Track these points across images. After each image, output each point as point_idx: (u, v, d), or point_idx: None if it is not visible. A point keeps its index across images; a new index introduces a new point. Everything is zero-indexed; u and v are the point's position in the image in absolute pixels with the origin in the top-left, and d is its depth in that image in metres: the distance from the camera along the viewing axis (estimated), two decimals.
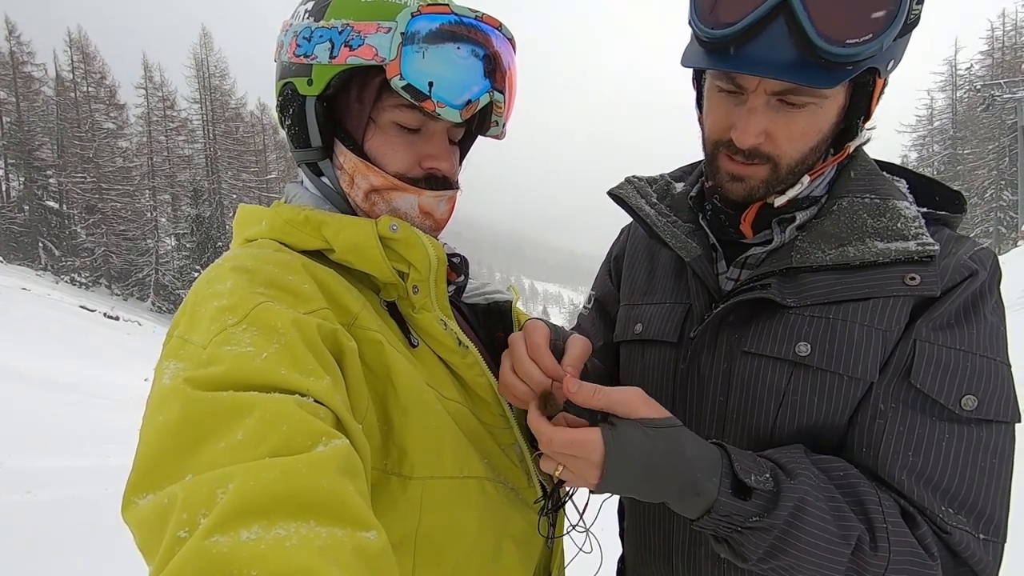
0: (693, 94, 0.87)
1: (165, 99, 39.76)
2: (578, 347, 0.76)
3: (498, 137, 0.82)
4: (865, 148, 0.86)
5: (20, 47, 35.97)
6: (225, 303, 0.58)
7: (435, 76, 0.69)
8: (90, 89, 37.65)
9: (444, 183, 0.77)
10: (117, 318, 22.86)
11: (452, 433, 0.71)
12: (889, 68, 0.73)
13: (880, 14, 0.65)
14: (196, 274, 34.15)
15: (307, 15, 0.73)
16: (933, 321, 0.72)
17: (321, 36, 0.70)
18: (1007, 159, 30.82)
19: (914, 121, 39.77)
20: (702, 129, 0.83)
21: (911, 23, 0.70)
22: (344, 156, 0.75)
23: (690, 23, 0.76)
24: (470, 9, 0.72)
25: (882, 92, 0.77)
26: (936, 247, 0.73)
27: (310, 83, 0.71)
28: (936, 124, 38.91)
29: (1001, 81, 24.65)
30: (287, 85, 0.74)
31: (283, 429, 0.47)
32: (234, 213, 0.86)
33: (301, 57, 0.72)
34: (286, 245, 0.72)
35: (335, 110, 0.74)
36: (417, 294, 0.74)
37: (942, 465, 0.68)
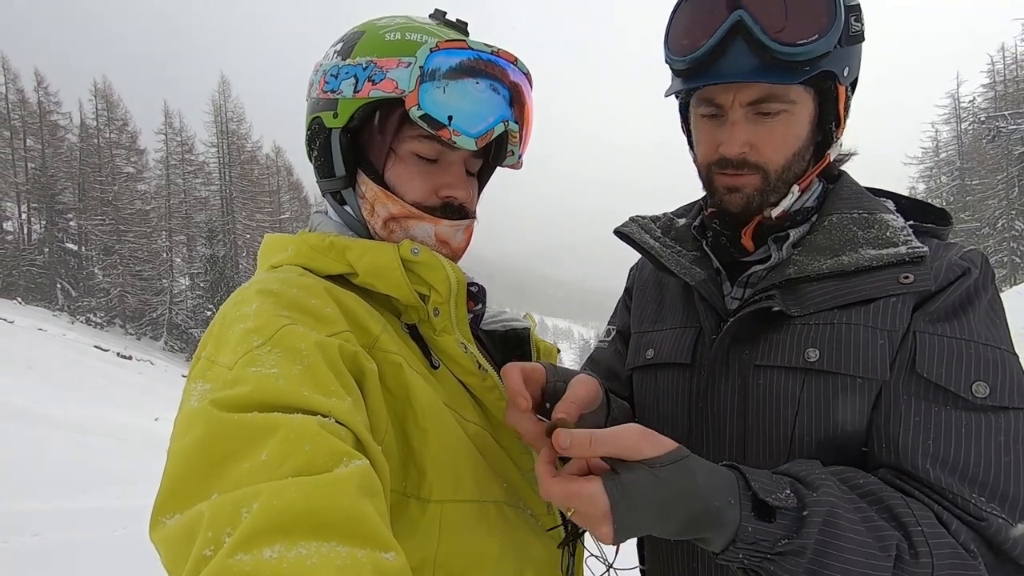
0: (684, 139, 0.95)
1: (184, 143, 41.08)
2: (581, 388, 0.72)
3: (515, 167, 0.85)
4: (874, 178, 0.93)
5: (47, 97, 37.60)
6: (251, 325, 0.60)
7: (452, 107, 0.72)
8: (112, 135, 39.04)
9: (461, 212, 0.80)
10: (130, 357, 23.03)
11: (472, 456, 0.71)
12: (846, 75, 0.81)
13: (822, 20, 0.77)
14: (209, 313, 34.56)
15: (336, 55, 0.78)
16: (929, 315, 0.74)
17: (347, 73, 0.75)
18: (1016, 189, 30.76)
19: (920, 153, 40.03)
20: (696, 161, 0.91)
21: (855, 35, 0.80)
22: (366, 185, 0.78)
23: (666, 61, 0.86)
24: (486, 44, 0.75)
25: (848, 102, 0.85)
26: (925, 248, 0.78)
27: (335, 116, 0.76)
28: (943, 156, 39.10)
29: (1006, 113, 24.85)
30: (315, 119, 0.79)
31: (305, 449, 0.48)
32: (247, 252, 0.88)
33: (328, 93, 0.76)
34: (310, 270, 0.74)
35: (359, 142, 0.79)
36: (438, 316, 0.75)
37: (964, 452, 0.68)
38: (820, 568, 0.62)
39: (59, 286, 34.64)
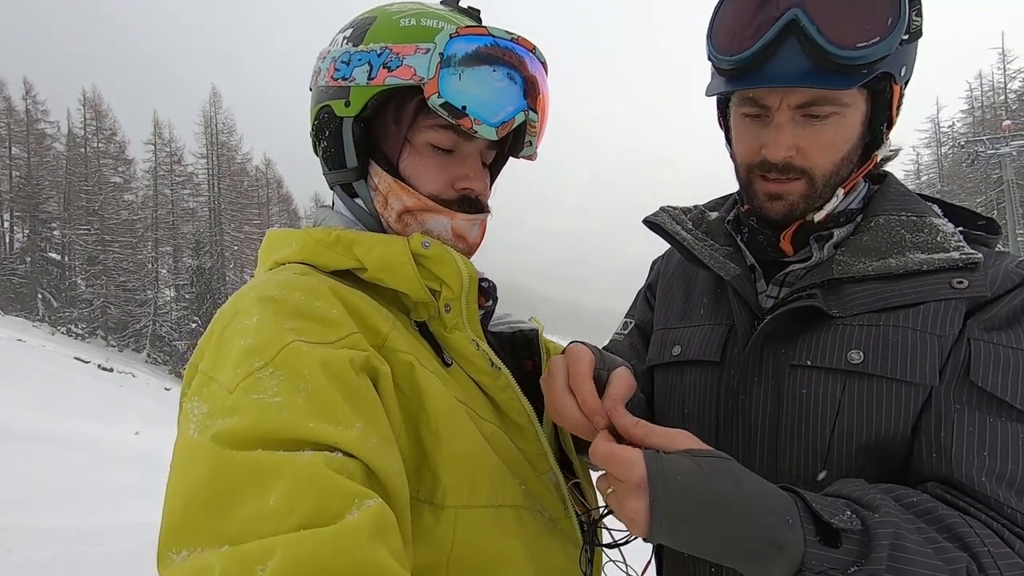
0: (721, 134, 0.91)
1: (173, 154, 40.87)
2: (622, 384, 0.71)
3: (530, 158, 0.83)
4: None
5: (35, 106, 37.32)
6: (251, 343, 0.57)
7: (472, 95, 0.70)
8: (100, 145, 38.74)
9: (477, 205, 0.77)
10: (111, 370, 22.57)
11: (488, 459, 0.68)
12: (903, 74, 0.77)
13: (884, 18, 0.70)
14: (195, 325, 34.15)
15: (346, 41, 0.75)
16: (985, 322, 0.71)
17: (360, 59, 0.72)
18: (995, 212, 31.47)
19: (902, 176, 40.78)
20: (734, 160, 0.87)
21: (915, 32, 0.75)
22: (379, 177, 0.76)
23: (709, 58, 0.80)
24: (506, 31, 0.73)
25: (901, 101, 0.80)
26: (980, 255, 0.74)
27: (348, 104, 0.73)
28: (924, 179, 39.98)
29: (984, 138, 25.52)
30: (323, 109, 0.76)
31: (314, 495, 0.47)
32: (235, 264, 0.86)
33: (339, 80, 0.74)
34: (315, 266, 0.71)
35: (371, 132, 0.76)
36: (449, 313, 0.72)
37: (1023, 467, 0.65)
38: None
39: (40, 296, 34.03)
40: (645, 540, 0.61)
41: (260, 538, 0.45)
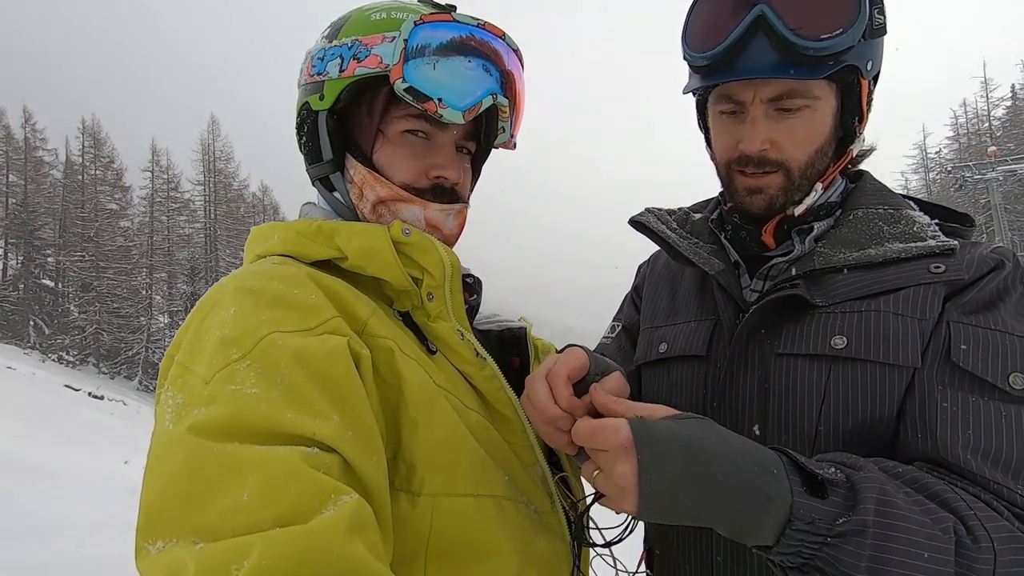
0: (702, 137, 0.95)
1: (170, 181, 41.09)
2: (613, 384, 0.72)
3: (507, 146, 0.84)
4: None
5: (34, 133, 37.62)
6: (227, 333, 0.57)
7: (438, 81, 0.71)
8: (97, 172, 38.94)
9: (452, 195, 0.78)
10: (102, 397, 22.25)
11: (469, 448, 0.67)
12: (869, 68, 0.81)
13: (846, 13, 0.75)
14: None
15: (323, 39, 0.78)
16: (963, 306, 0.73)
17: (333, 54, 0.75)
18: (984, 236, 31.92)
19: None
20: (714, 161, 0.90)
21: (878, 28, 0.80)
22: (354, 169, 0.77)
23: (685, 57, 0.85)
24: (472, 17, 0.75)
25: (871, 96, 0.85)
26: (955, 242, 0.77)
27: (322, 98, 0.75)
28: None
29: (971, 163, 26.05)
30: (304, 105, 0.78)
31: (291, 491, 0.47)
32: None
33: (315, 76, 0.76)
34: (296, 257, 0.72)
35: (347, 126, 0.77)
36: (432, 301, 0.73)
37: (1007, 443, 0.66)
38: (883, 552, 0.57)
39: (32, 323, 33.74)
40: (635, 517, 0.62)
41: (235, 534, 0.45)
